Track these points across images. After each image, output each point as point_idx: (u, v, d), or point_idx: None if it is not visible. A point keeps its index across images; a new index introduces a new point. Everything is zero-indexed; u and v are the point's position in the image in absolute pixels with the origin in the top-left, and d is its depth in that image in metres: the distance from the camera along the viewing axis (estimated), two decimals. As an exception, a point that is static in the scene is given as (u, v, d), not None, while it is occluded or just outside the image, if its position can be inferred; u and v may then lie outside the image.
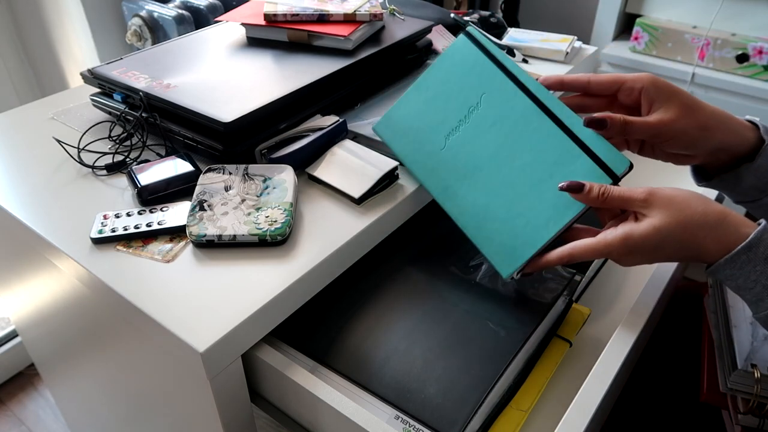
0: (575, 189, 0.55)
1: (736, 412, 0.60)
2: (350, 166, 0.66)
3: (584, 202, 0.55)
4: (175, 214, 0.62)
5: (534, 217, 0.58)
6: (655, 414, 0.71)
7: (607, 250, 0.53)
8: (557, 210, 0.57)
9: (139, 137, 0.73)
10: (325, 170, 0.67)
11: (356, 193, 0.63)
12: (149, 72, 0.75)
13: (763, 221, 0.51)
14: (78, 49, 1.30)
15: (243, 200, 0.62)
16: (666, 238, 0.51)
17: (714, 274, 0.52)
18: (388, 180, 0.66)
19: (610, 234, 0.53)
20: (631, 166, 0.55)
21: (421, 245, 0.72)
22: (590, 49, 1.04)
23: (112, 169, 0.70)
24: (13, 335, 1.46)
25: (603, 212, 0.57)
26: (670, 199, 0.52)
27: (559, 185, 0.56)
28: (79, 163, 0.71)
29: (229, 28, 0.89)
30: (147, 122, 0.72)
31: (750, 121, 0.60)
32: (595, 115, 0.56)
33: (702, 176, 0.64)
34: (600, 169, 0.56)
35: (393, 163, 0.65)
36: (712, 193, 0.70)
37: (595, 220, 0.59)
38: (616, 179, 0.55)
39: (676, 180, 0.94)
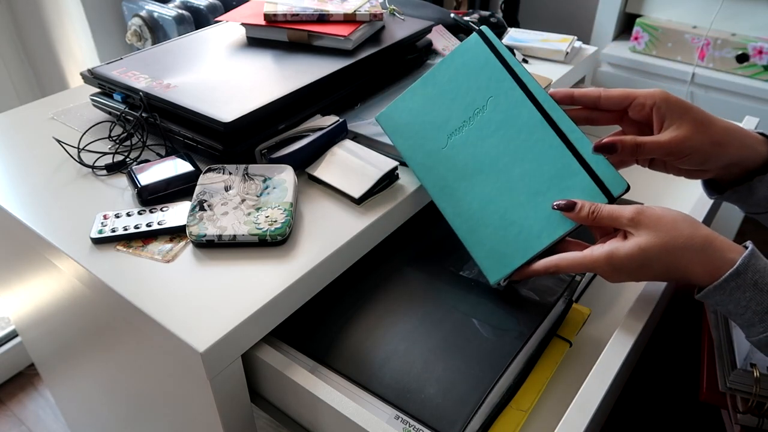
0: (567, 208, 0.56)
1: (735, 412, 0.60)
2: (350, 166, 0.66)
3: (575, 220, 0.56)
4: (175, 214, 0.62)
5: (528, 226, 0.58)
6: (656, 413, 0.71)
7: (592, 265, 0.54)
8: (551, 223, 0.58)
9: (139, 137, 0.73)
10: (325, 170, 0.67)
11: (356, 193, 0.63)
12: (149, 72, 0.75)
13: (749, 245, 0.51)
14: (78, 49, 1.30)
15: (243, 200, 0.62)
16: (650, 258, 0.51)
17: (704, 299, 0.52)
18: (388, 180, 0.66)
19: (597, 250, 0.54)
20: (627, 188, 0.56)
21: (421, 246, 0.72)
22: (590, 49, 1.04)
23: (112, 169, 0.70)
24: (13, 335, 1.46)
25: (595, 229, 0.58)
26: (658, 219, 0.52)
27: (552, 204, 0.57)
28: (79, 163, 0.71)
29: (229, 28, 0.89)
30: (147, 122, 0.72)
31: (762, 134, 0.59)
32: (605, 139, 0.56)
33: (713, 189, 0.64)
34: (597, 187, 0.56)
35: (393, 163, 0.65)
36: (700, 214, 0.70)
37: (589, 234, 0.59)
38: (612, 200, 0.56)
39: (671, 186, 0.94)
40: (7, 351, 1.44)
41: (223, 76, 0.75)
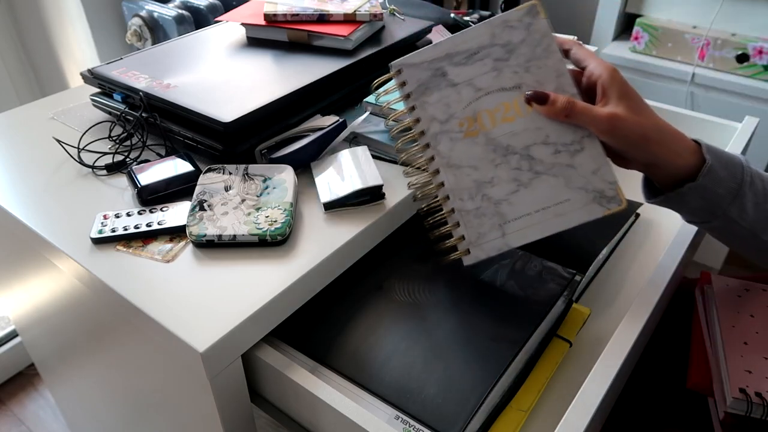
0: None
1: (722, 400, 0.61)
2: (341, 172, 0.65)
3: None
4: (175, 214, 0.62)
5: None
6: (656, 411, 0.71)
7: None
8: None
9: (139, 137, 0.73)
10: (319, 168, 0.67)
11: (324, 198, 0.63)
12: (149, 72, 0.75)
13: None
14: (78, 49, 1.30)
15: (243, 200, 0.62)
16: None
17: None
18: (369, 196, 0.63)
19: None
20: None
21: (421, 246, 0.72)
22: (590, 49, 1.04)
23: (112, 169, 0.70)
24: (13, 335, 1.46)
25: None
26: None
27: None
28: (79, 163, 0.71)
29: (229, 28, 0.89)
30: (147, 122, 0.72)
31: (697, 142, 0.58)
32: (542, 91, 0.57)
33: (652, 192, 0.62)
34: None
35: (378, 181, 0.63)
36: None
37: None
38: None
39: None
40: (7, 351, 1.44)
41: (223, 76, 0.75)
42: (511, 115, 0.58)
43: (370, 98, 0.65)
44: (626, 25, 1.68)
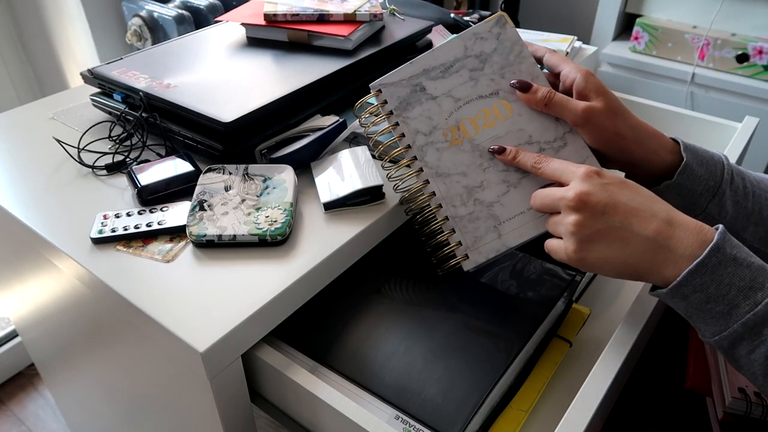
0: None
1: (720, 399, 0.61)
2: (341, 173, 0.65)
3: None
4: (175, 214, 0.62)
5: None
6: (656, 410, 0.71)
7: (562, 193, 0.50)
8: None
9: (139, 137, 0.73)
10: (319, 168, 0.67)
11: (324, 198, 0.63)
12: (149, 72, 0.75)
13: (720, 226, 0.47)
14: (78, 49, 1.30)
15: (243, 200, 0.62)
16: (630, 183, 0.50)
17: (680, 288, 0.46)
18: (369, 196, 0.63)
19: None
20: None
21: (421, 246, 0.72)
22: (590, 49, 1.04)
23: (112, 169, 0.70)
24: (13, 335, 1.46)
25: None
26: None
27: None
28: (79, 163, 0.71)
29: (229, 28, 0.89)
30: (147, 122, 0.72)
31: (674, 140, 0.58)
32: (523, 80, 0.59)
33: None
34: None
35: (378, 181, 0.63)
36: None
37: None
38: None
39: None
40: (7, 351, 1.44)
41: (223, 76, 0.75)
42: (492, 121, 0.60)
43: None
44: (626, 25, 1.68)
